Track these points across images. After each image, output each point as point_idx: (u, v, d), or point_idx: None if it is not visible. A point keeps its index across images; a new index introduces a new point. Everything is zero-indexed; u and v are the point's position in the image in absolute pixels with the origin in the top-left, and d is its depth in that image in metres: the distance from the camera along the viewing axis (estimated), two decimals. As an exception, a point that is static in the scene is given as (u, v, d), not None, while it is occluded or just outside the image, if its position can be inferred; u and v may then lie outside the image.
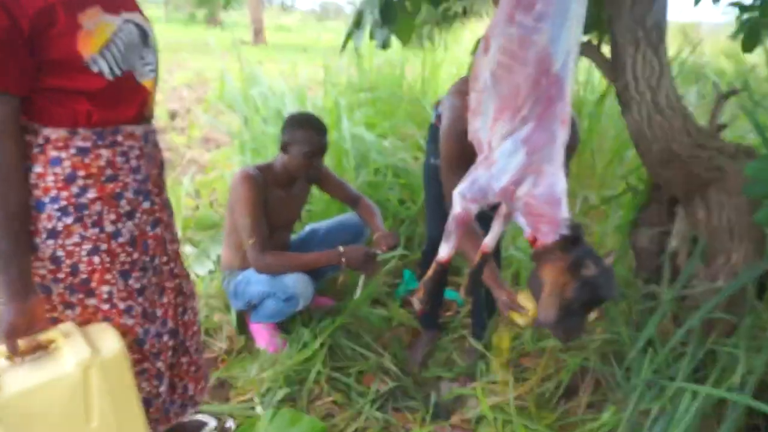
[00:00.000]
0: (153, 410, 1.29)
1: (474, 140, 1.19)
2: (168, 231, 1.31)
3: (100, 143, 1.08)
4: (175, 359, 1.40)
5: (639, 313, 1.64)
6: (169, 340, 1.31)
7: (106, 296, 1.15)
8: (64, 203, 1.07)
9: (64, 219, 1.07)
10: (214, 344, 2.08)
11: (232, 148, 3.99)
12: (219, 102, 5.19)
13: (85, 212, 1.09)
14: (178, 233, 1.41)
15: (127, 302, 1.18)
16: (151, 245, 1.23)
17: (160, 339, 1.28)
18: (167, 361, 1.32)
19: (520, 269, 2.42)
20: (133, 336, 1.21)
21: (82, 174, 1.07)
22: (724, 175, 1.46)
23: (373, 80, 4.47)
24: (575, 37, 1.03)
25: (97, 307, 1.16)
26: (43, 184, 1.05)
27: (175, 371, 1.41)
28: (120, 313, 1.18)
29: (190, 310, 1.42)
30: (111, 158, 1.10)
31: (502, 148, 1.07)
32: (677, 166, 1.49)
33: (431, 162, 1.91)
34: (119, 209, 1.13)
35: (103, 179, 1.10)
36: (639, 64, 1.41)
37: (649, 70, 1.41)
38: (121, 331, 1.18)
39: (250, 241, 1.88)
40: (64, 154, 1.05)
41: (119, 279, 1.16)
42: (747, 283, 1.43)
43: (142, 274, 1.20)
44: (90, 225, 1.10)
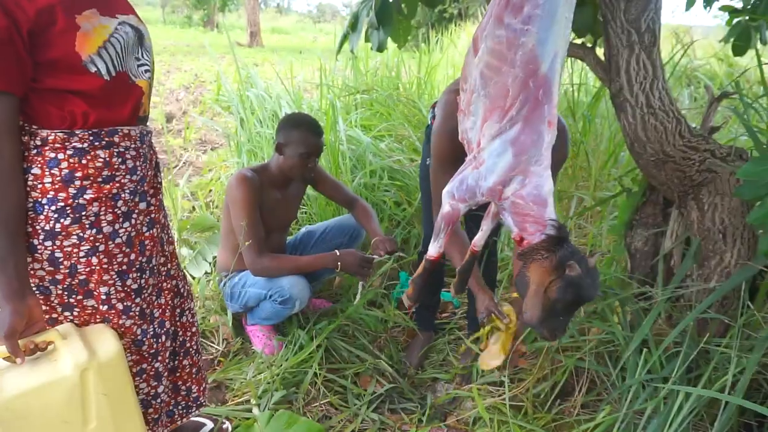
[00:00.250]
0: (152, 411, 1.30)
1: (464, 140, 1.20)
2: (164, 232, 1.32)
3: (97, 144, 1.08)
4: (176, 361, 1.40)
5: (634, 313, 1.65)
6: (166, 341, 1.31)
7: (105, 297, 1.15)
8: (62, 204, 1.07)
9: (61, 220, 1.07)
10: (211, 346, 2.08)
11: (229, 149, 3.99)
12: (215, 104, 5.18)
13: (83, 213, 1.09)
14: (173, 235, 1.41)
15: (125, 303, 1.18)
16: (148, 246, 1.23)
17: (158, 339, 1.28)
18: (165, 361, 1.32)
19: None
20: (132, 336, 1.21)
21: (79, 175, 1.07)
22: (717, 177, 1.47)
23: (369, 82, 4.48)
24: (563, 40, 1.04)
25: (95, 307, 1.16)
26: (40, 185, 1.05)
27: (178, 374, 1.41)
28: (118, 313, 1.18)
29: (188, 311, 1.42)
30: (108, 159, 1.10)
31: (490, 149, 1.08)
32: (671, 167, 1.50)
33: (427, 163, 1.91)
34: (116, 210, 1.14)
35: (100, 180, 1.10)
36: (633, 67, 1.43)
37: (643, 73, 1.43)
38: (119, 331, 1.18)
39: (247, 244, 1.88)
40: (61, 155, 1.05)
41: (117, 279, 1.16)
42: (740, 284, 1.45)
43: (139, 274, 1.20)
44: (88, 226, 1.10)
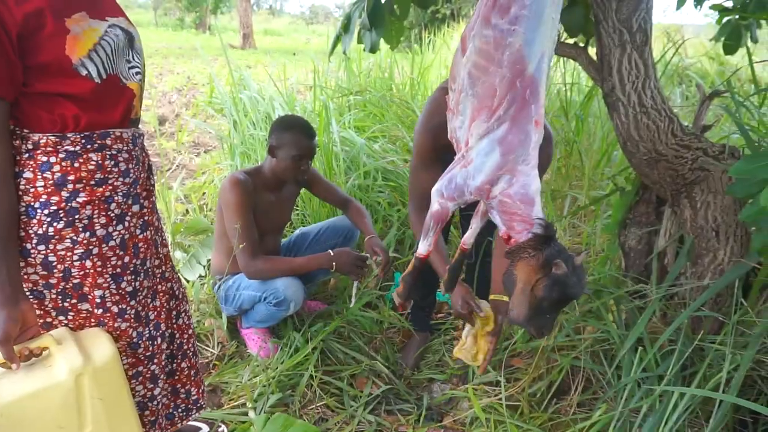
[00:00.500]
0: (148, 413, 1.29)
1: (452, 139, 1.20)
2: (158, 234, 1.31)
3: (89, 147, 1.08)
4: (174, 365, 1.40)
5: (628, 311, 1.65)
6: (162, 343, 1.31)
7: (99, 300, 1.15)
8: (55, 208, 1.06)
9: (54, 224, 1.06)
10: (206, 350, 2.07)
11: (222, 152, 3.98)
12: (208, 106, 5.17)
13: (76, 216, 1.08)
14: (167, 237, 1.40)
15: (119, 306, 1.18)
16: (142, 248, 1.22)
17: (154, 342, 1.27)
18: (161, 364, 1.31)
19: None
20: (127, 339, 1.20)
21: (72, 178, 1.07)
22: (710, 175, 1.48)
23: (362, 83, 4.48)
24: (549, 40, 1.05)
25: (90, 311, 1.15)
26: (33, 189, 1.04)
27: (177, 376, 1.41)
28: (113, 316, 1.17)
29: (183, 314, 1.42)
30: (100, 162, 1.10)
31: (478, 148, 1.09)
32: (663, 166, 1.51)
33: None
34: (109, 213, 1.13)
35: (92, 183, 1.09)
36: (625, 66, 1.43)
37: (635, 72, 1.43)
38: (114, 334, 1.18)
39: (241, 247, 1.87)
40: (53, 159, 1.05)
41: (111, 282, 1.16)
42: (733, 281, 1.45)
43: (133, 277, 1.20)
44: (81, 229, 1.09)
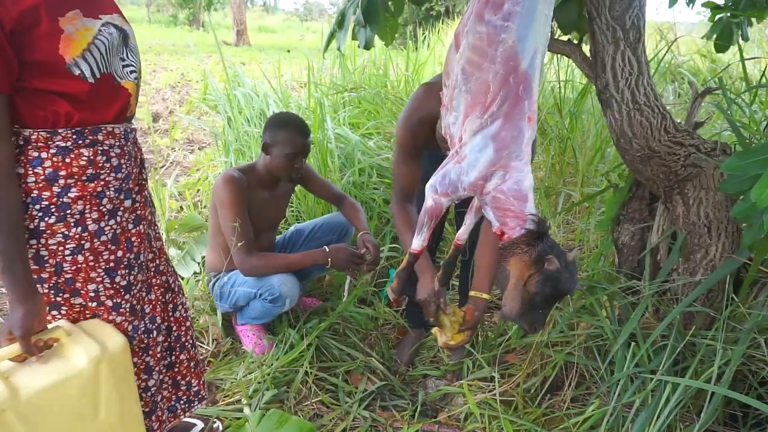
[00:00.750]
0: (142, 404, 1.30)
1: (446, 135, 1.21)
2: (151, 228, 1.31)
3: (80, 142, 1.08)
4: (174, 357, 1.41)
5: (621, 307, 1.66)
6: (158, 336, 1.31)
7: (93, 294, 1.15)
8: (46, 203, 1.06)
9: (46, 219, 1.07)
10: (201, 347, 2.07)
11: (216, 149, 3.97)
12: (202, 103, 5.15)
13: (68, 212, 1.08)
14: (161, 231, 1.40)
15: (114, 300, 1.18)
16: (135, 243, 1.22)
17: (149, 335, 1.28)
18: (157, 356, 1.32)
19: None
20: (122, 333, 1.21)
21: (63, 174, 1.07)
22: (702, 172, 1.49)
23: (356, 80, 4.47)
24: (542, 37, 1.05)
25: (83, 305, 1.16)
26: (24, 184, 1.04)
27: (177, 369, 1.42)
28: (108, 310, 1.18)
29: (180, 306, 1.42)
30: (92, 157, 1.10)
31: (471, 144, 1.09)
32: (656, 163, 1.52)
33: None
34: (101, 208, 1.13)
35: (84, 178, 1.09)
36: (618, 63, 1.44)
37: (629, 69, 1.44)
38: None
39: (236, 245, 1.87)
40: (44, 154, 1.05)
41: (105, 277, 1.16)
42: (724, 277, 1.47)
43: (127, 271, 1.20)
44: (73, 224, 1.09)
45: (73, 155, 1.07)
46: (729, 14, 1.65)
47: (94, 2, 1.09)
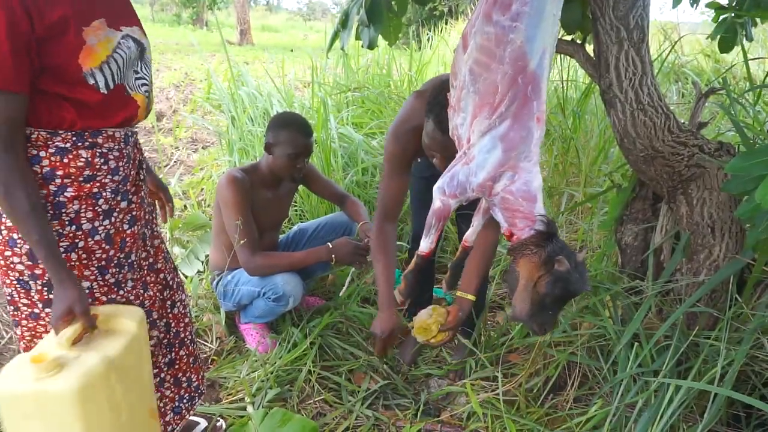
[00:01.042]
0: None
1: (454, 136, 1.20)
2: (147, 227, 1.32)
3: (79, 144, 1.09)
4: (173, 354, 1.41)
5: (624, 307, 1.66)
6: (152, 330, 1.32)
7: (87, 291, 1.16)
8: (42, 201, 1.07)
9: None
10: (204, 345, 2.07)
11: (220, 148, 3.97)
12: (206, 102, 5.16)
13: (63, 210, 1.09)
14: (160, 229, 1.41)
15: (108, 296, 1.20)
16: (128, 243, 1.24)
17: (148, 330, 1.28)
18: (153, 352, 1.32)
19: (508, 267, 2.44)
20: None
21: (60, 173, 1.08)
22: (705, 172, 1.49)
23: (360, 80, 4.48)
24: (551, 36, 1.05)
25: None
26: None
27: (177, 365, 1.42)
28: (103, 305, 1.19)
29: (179, 303, 1.43)
30: (90, 159, 1.11)
31: (480, 145, 1.09)
32: (660, 163, 1.52)
33: (419, 160, 1.92)
34: (97, 208, 1.14)
35: (81, 179, 1.11)
36: (622, 63, 1.44)
37: (632, 69, 1.44)
38: None
39: (240, 245, 1.87)
40: (43, 153, 1.06)
41: (98, 274, 1.17)
42: (728, 277, 1.47)
43: (117, 270, 1.21)
44: (67, 223, 1.10)
45: (71, 156, 1.08)
46: (733, 14, 1.65)
47: (118, 12, 1.12)
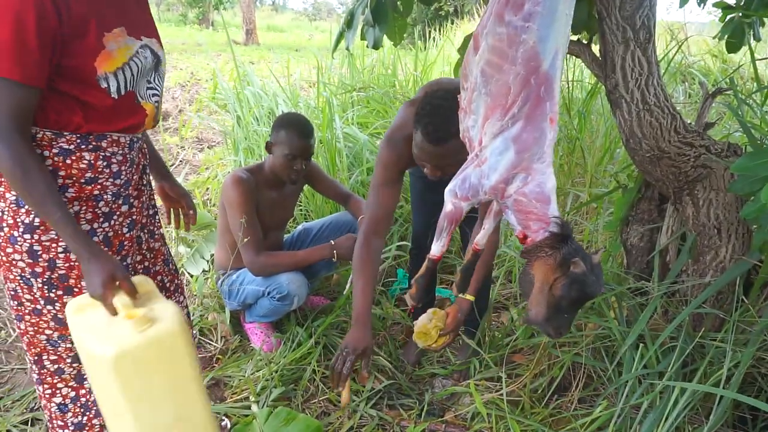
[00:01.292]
0: None
1: (464, 138, 1.20)
2: (144, 231, 1.33)
3: (83, 146, 1.10)
4: None
5: (630, 308, 1.66)
6: None
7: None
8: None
9: None
10: (209, 344, 2.08)
11: (225, 147, 3.99)
12: (211, 102, 5.18)
13: None
14: (162, 232, 1.42)
15: None
16: (126, 246, 1.25)
17: None
18: None
19: (513, 267, 2.44)
20: None
21: (62, 174, 1.09)
22: (712, 173, 1.48)
23: (365, 80, 4.48)
24: (563, 36, 1.04)
25: None
26: None
27: None
28: None
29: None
30: (93, 161, 1.12)
31: (492, 147, 1.08)
32: (666, 163, 1.51)
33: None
34: (97, 210, 1.15)
35: (82, 181, 1.12)
36: (628, 63, 1.43)
37: (638, 69, 1.43)
38: None
39: (245, 245, 1.88)
40: (46, 153, 1.07)
41: None
42: (734, 279, 1.46)
43: None
44: None
45: (74, 157, 1.09)
46: (741, 14, 1.64)
47: (140, 23, 1.13)
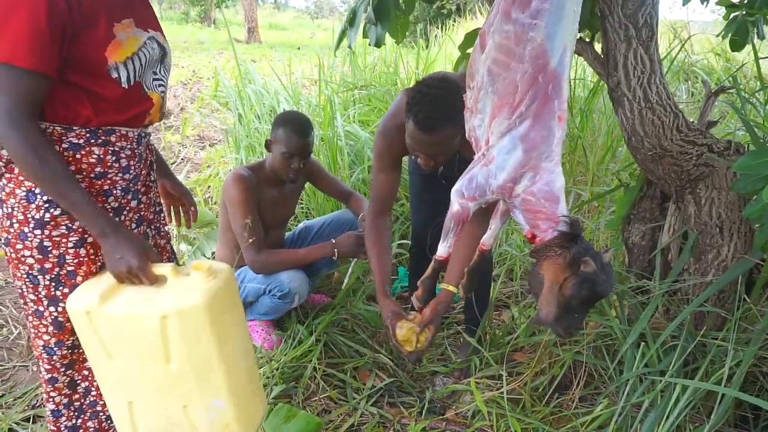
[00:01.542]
0: None
1: (471, 138, 1.19)
2: (150, 227, 1.33)
3: (92, 141, 1.10)
4: None
5: (631, 307, 1.66)
6: None
7: None
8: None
9: (51, 210, 1.09)
10: (210, 341, 2.08)
11: (227, 145, 3.99)
12: (213, 100, 5.18)
13: None
14: (167, 229, 1.42)
15: None
16: None
17: None
18: None
19: (514, 266, 2.44)
20: None
21: (72, 168, 1.09)
22: (714, 172, 1.48)
23: (367, 78, 4.48)
24: (571, 34, 1.03)
25: None
26: None
27: None
28: None
29: None
30: (102, 156, 1.12)
31: (499, 146, 1.07)
32: (668, 162, 1.51)
33: (413, 158, 1.91)
34: (107, 205, 1.16)
35: (92, 176, 1.12)
36: (631, 62, 1.43)
37: (641, 68, 1.43)
38: None
39: (246, 244, 1.88)
40: (56, 148, 1.07)
41: (100, 270, 1.18)
42: (736, 277, 1.45)
43: None
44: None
45: (84, 152, 1.10)
46: (744, 12, 1.63)
47: (145, 16, 1.15)
